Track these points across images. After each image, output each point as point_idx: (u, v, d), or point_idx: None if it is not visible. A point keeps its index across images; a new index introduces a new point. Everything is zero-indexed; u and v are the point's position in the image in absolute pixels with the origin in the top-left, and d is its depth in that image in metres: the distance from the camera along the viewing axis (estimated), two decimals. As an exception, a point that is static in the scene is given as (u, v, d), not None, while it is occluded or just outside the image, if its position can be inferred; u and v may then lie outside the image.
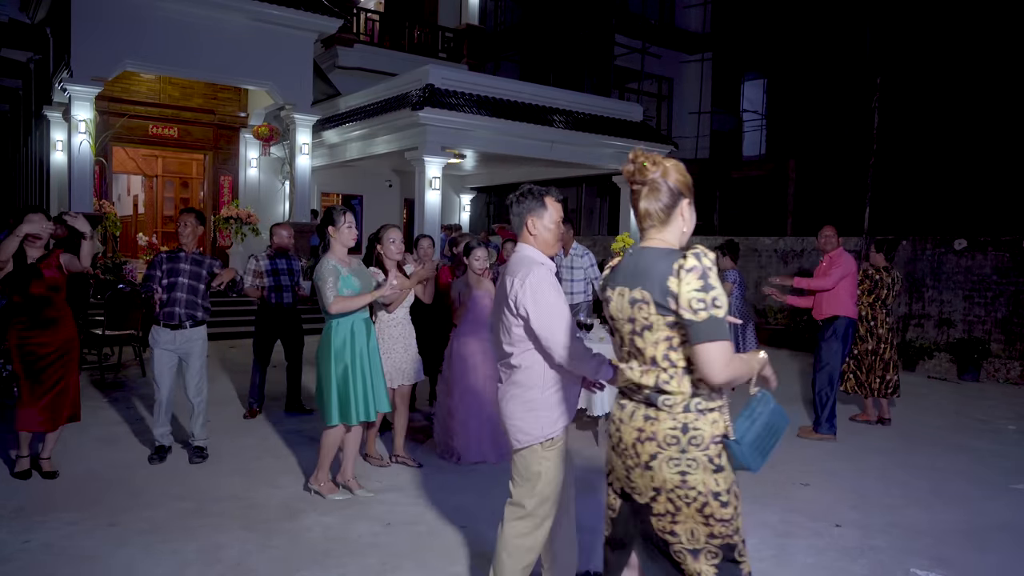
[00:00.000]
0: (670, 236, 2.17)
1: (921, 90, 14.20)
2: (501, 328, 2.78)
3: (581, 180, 17.74)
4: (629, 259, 2.21)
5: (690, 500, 2.08)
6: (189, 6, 11.77)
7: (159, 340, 4.83)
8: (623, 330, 2.20)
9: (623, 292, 2.17)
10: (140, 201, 18.41)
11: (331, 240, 4.17)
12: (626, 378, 2.22)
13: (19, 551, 3.51)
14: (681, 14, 20.82)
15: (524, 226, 2.79)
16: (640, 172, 2.15)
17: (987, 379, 9.31)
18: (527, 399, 2.73)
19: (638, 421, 2.16)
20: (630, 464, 2.18)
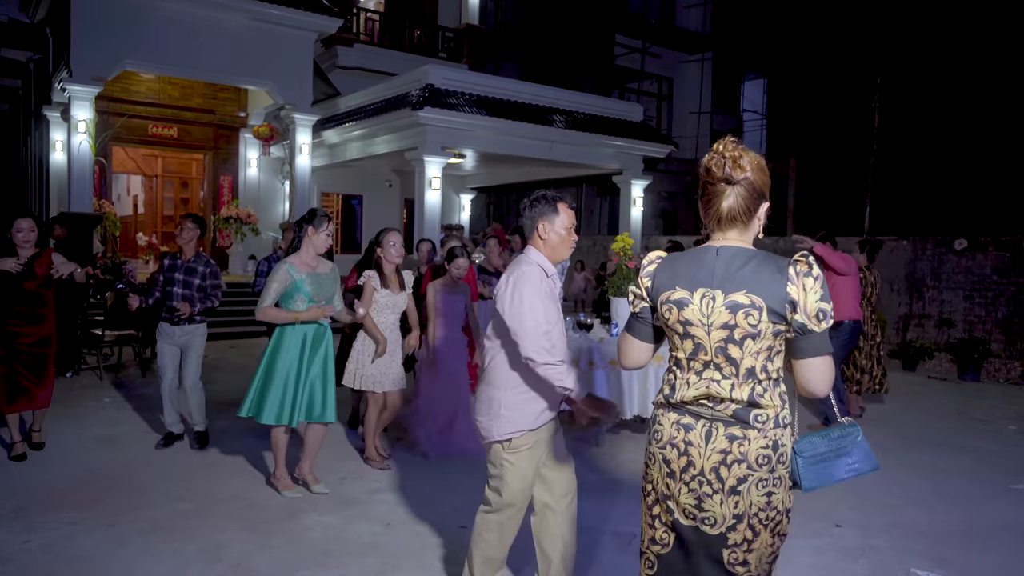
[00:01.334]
0: (749, 239, 2.01)
1: (921, 90, 14.20)
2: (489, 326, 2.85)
3: (581, 180, 17.73)
4: (705, 258, 1.98)
5: (769, 521, 1.94)
6: (189, 6, 11.76)
7: (163, 333, 5.15)
8: (708, 338, 1.94)
9: (711, 295, 1.93)
10: (140, 201, 18.41)
11: (304, 239, 4.19)
12: (702, 392, 1.96)
13: (19, 551, 3.51)
14: (681, 14, 20.83)
15: (535, 230, 2.78)
16: (734, 169, 1.92)
17: (987, 379, 9.31)
18: (488, 396, 2.78)
19: (720, 442, 1.92)
20: (705, 492, 1.94)
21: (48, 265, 4.82)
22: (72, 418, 5.98)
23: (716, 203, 1.96)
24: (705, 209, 2.00)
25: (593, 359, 5.37)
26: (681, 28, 20.54)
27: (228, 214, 14.55)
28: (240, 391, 7.12)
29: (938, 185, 13.60)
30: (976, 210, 12.87)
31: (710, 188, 1.97)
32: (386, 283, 4.77)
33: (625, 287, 5.78)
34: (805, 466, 1.96)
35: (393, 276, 4.83)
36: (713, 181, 1.96)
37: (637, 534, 3.83)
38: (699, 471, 1.94)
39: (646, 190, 15.72)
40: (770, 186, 1.99)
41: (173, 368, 5.18)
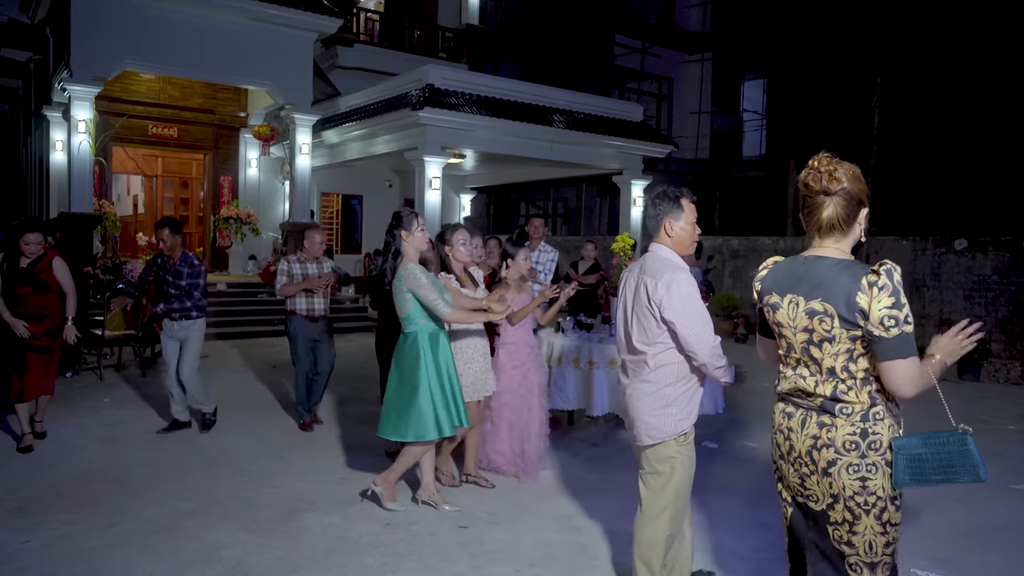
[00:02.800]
0: (846, 245, 2.15)
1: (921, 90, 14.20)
2: (634, 326, 2.86)
3: (581, 180, 17.74)
4: (796, 265, 2.18)
5: (869, 507, 2.07)
6: (189, 6, 11.76)
7: (166, 328, 5.61)
8: (795, 339, 2.15)
9: (796, 301, 2.13)
10: (140, 201, 18.41)
11: (403, 245, 3.97)
12: (795, 386, 2.18)
13: (19, 551, 3.51)
14: (681, 14, 20.83)
15: (662, 228, 2.87)
16: (830, 182, 2.09)
17: (987, 379, 9.31)
18: (661, 396, 2.81)
19: (812, 428, 2.13)
20: (805, 472, 2.16)
21: (48, 272, 5.10)
22: (72, 418, 5.98)
23: (816, 214, 2.13)
24: (806, 220, 2.18)
25: (593, 359, 5.38)
26: (681, 28, 20.54)
27: (228, 214, 14.55)
28: (240, 392, 7.14)
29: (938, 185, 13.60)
30: (976, 210, 12.87)
31: (809, 201, 2.15)
32: (461, 284, 4.43)
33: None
34: (899, 462, 2.06)
35: (464, 276, 4.51)
36: (812, 194, 2.13)
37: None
38: (798, 454, 2.17)
39: (646, 190, 15.72)
40: (867, 192, 2.15)
41: (174, 360, 5.61)
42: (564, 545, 3.75)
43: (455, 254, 4.42)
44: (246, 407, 6.57)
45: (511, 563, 3.53)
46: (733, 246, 13.53)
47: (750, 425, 6.23)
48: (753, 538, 3.88)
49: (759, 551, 3.73)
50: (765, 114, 19.41)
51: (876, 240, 11.35)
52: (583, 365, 5.43)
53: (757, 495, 4.45)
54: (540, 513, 4.17)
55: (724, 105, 20.19)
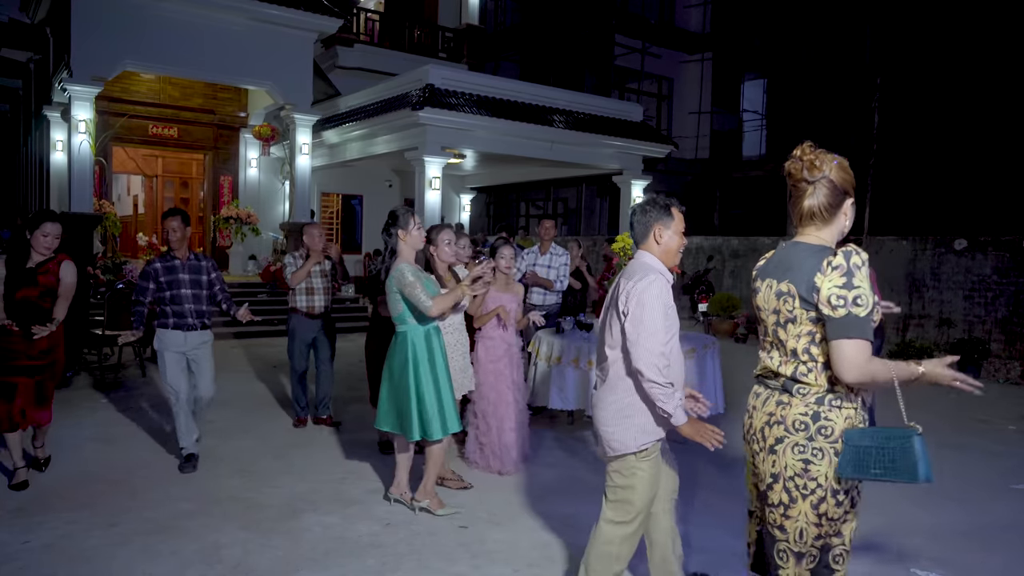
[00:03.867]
0: (828, 234, 2.19)
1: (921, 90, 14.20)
2: (606, 330, 2.79)
3: (581, 180, 17.74)
4: (781, 252, 2.26)
5: (808, 492, 2.09)
6: (189, 6, 11.76)
7: (168, 343, 4.65)
8: (767, 321, 2.24)
9: (771, 284, 2.21)
10: (140, 201, 18.42)
11: (399, 243, 3.97)
12: (765, 366, 2.26)
13: (19, 551, 3.51)
14: (681, 14, 20.83)
15: (651, 235, 2.80)
16: (810, 170, 2.14)
17: (987, 379, 9.31)
18: (622, 405, 2.70)
19: (770, 406, 2.19)
20: (755, 449, 2.21)
21: (54, 274, 4.36)
22: (71, 418, 5.98)
23: (799, 202, 2.19)
24: (791, 209, 2.24)
25: (593, 359, 5.37)
26: (681, 28, 20.54)
27: (228, 214, 14.56)
28: (240, 391, 7.14)
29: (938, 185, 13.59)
30: (976, 210, 12.87)
31: (794, 190, 2.21)
32: (443, 283, 4.45)
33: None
34: (845, 453, 2.07)
35: (448, 275, 4.55)
36: (795, 183, 2.19)
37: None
38: (754, 431, 2.23)
39: (646, 190, 15.72)
40: (854, 184, 2.19)
41: (186, 381, 4.72)
42: (564, 545, 3.75)
43: (440, 254, 4.50)
44: (246, 407, 6.57)
45: (511, 563, 3.53)
46: (733, 246, 13.53)
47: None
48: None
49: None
50: (765, 114, 19.41)
51: (876, 240, 11.35)
52: (583, 365, 5.43)
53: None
54: (540, 513, 4.17)
55: (724, 105, 20.19)
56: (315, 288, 5.89)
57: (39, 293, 4.32)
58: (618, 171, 15.16)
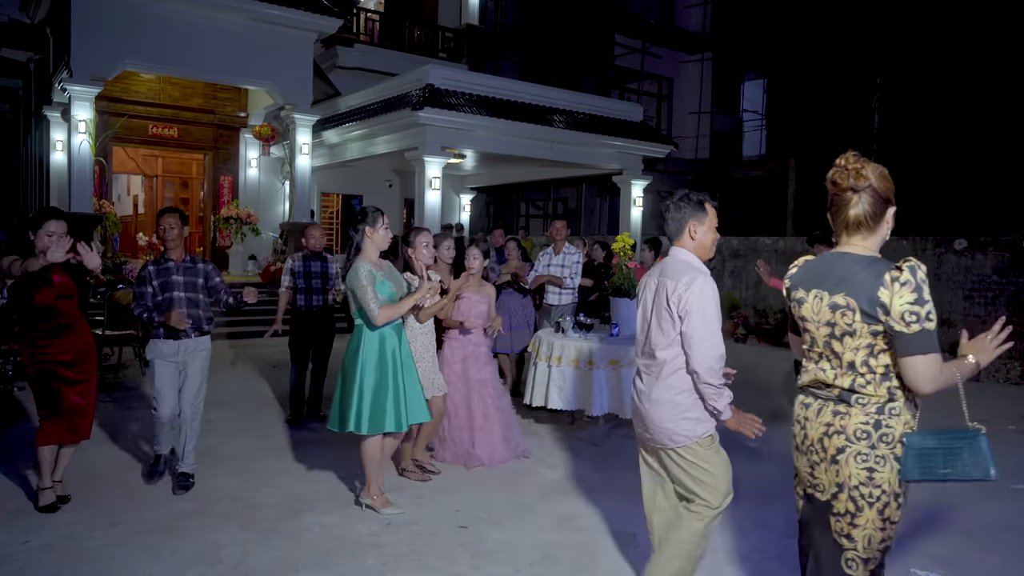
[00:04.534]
0: (873, 243, 2.19)
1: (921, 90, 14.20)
2: (654, 329, 2.82)
3: (581, 180, 17.74)
4: (824, 262, 2.23)
5: (873, 500, 2.10)
6: (189, 6, 11.77)
7: (161, 352, 4.33)
8: (817, 332, 2.20)
9: (820, 295, 2.18)
10: (140, 201, 18.41)
11: (365, 240, 3.98)
12: (815, 378, 2.23)
13: (19, 551, 3.51)
14: (681, 14, 20.83)
15: (685, 231, 2.84)
16: (856, 179, 2.13)
17: (987, 379, 9.31)
18: (677, 403, 2.77)
19: (826, 416, 2.18)
20: (815, 460, 2.20)
21: (69, 274, 4.07)
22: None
23: (844, 211, 2.17)
24: (833, 218, 2.22)
25: (593, 359, 5.37)
26: (681, 28, 20.54)
27: (228, 214, 14.55)
28: (240, 391, 7.14)
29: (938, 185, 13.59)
30: (976, 210, 12.87)
31: (837, 199, 2.19)
32: None
33: (625, 287, 5.78)
34: (908, 456, 2.09)
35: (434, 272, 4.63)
36: (839, 191, 2.17)
37: (637, 533, 3.85)
38: (811, 442, 2.21)
39: (646, 190, 15.72)
40: (894, 191, 2.20)
41: (173, 392, 4.36)
42: (564, 545, 3.75)
43: (417, 256, 4.58)
44: (246, 407, 6.57)
45: (511, 563, 3.53)
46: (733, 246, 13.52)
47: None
48: (754, 538, 3.88)
49: (759, 550, 3.73)
50: (765, 114, 19.41)
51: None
52: (583, 365, 5.43)
53: (758, 495, 4.45)
54: (540, 513, 4.17)
55: (724, 105, 20.19)
56: (313, 288, 6.01)
57: (56, 295, 4.01)
58: (618, 171, 15.16)
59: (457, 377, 4.92)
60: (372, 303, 3.82)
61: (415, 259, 4.60)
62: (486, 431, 4.94)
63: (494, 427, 4.97)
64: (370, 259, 3.98)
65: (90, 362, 4.15)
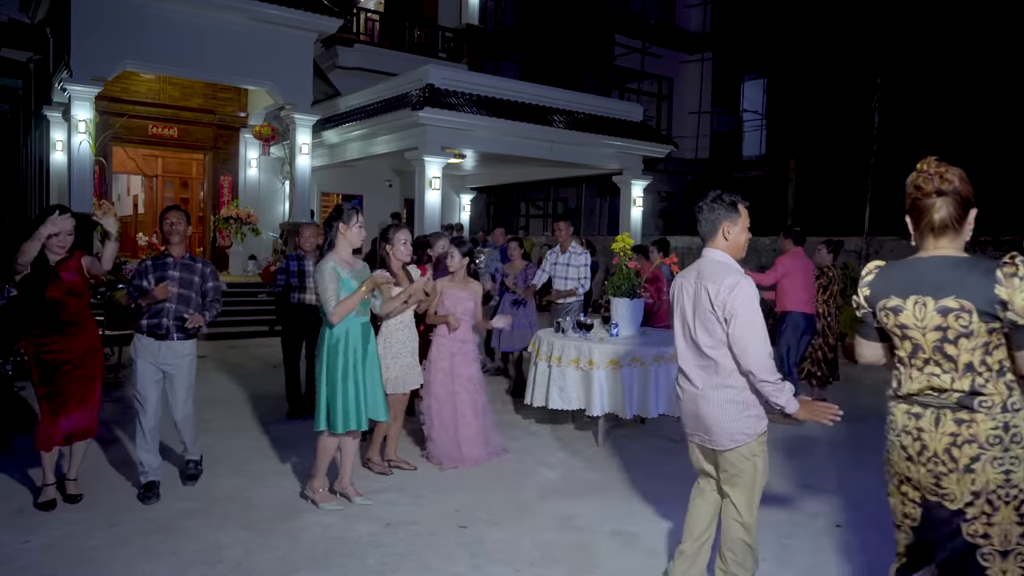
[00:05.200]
0: (959, 245, 2.21)
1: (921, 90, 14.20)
2: (699, 332, 2.86)
3: (581, 180, 17.74)
4: (912, 268, 2.23)
5: (1010, 499, 2.11)
6: (189, 6, 11.77)
7: (140, 351, 4.20)
8: (924, 338, 2.18)
9: (923, 301, 2.16)
10: (140, 201, 18.41)
11: (338, 237, 4.02)
12: (927, 385, 2.19)
13: (19, 551, 3.51)
14: (681, 14, 20.83)
15: (719, 232, 2.89)
16: (942, 183, 2.16)
17: None
18: (742, 399, 2.81)
19: (948, 426, 2.16)
20: (941, 471, 2.17)
21: (76, 270, 4.06)
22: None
23: (928, 215, 2.20)
24: (916, 222, 2.24)
25: (593, 359, 5.37)
26: (681, 28, 20.55)
27: (228, 214, 14.55)
28: (240, 391, 7.14)
29: (938, 185, 13.56)
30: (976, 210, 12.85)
31: (920, 203, 2.21)
32: (398, 281, 4.65)
33: (625, 287, 5.77)
34: None
35: (401, 273, 4.73)
36: (923, 196, 2.20)
37: (638, 533, 3.85)
38: (933, 453, 2.17)
39: (646, 190, 15.72)
40: (974, 193, 2.20)
41: (157, 395, 4.22)
42: (564, 545, 3.75)
43: (395, 253, 4.67)
44: (245, 407, 6.58)
45: (511, 563, 3.53)
46: (733, 246, 13.51)
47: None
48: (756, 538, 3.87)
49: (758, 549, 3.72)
50: (765, 114, 19.41)
51: (876, 240, 11.36)
52: (583, 365, 5.43)
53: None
54: (540, 513, 4.17)
55: (724, 105, 20.20)
56: (307, 287, 6.14)
57: (64, 292, 4.00)
58: (618, 171, 15.16)
59: (445, 374, 4.93)
60: (331, 299, 3.89)
61: (392, 256, 4.66)
62: (471, 428, 4.97)
63: (478, 425, 5.01)
64: (341, 257, 4.02)
65: (95, 360, 4.15)
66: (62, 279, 3.99)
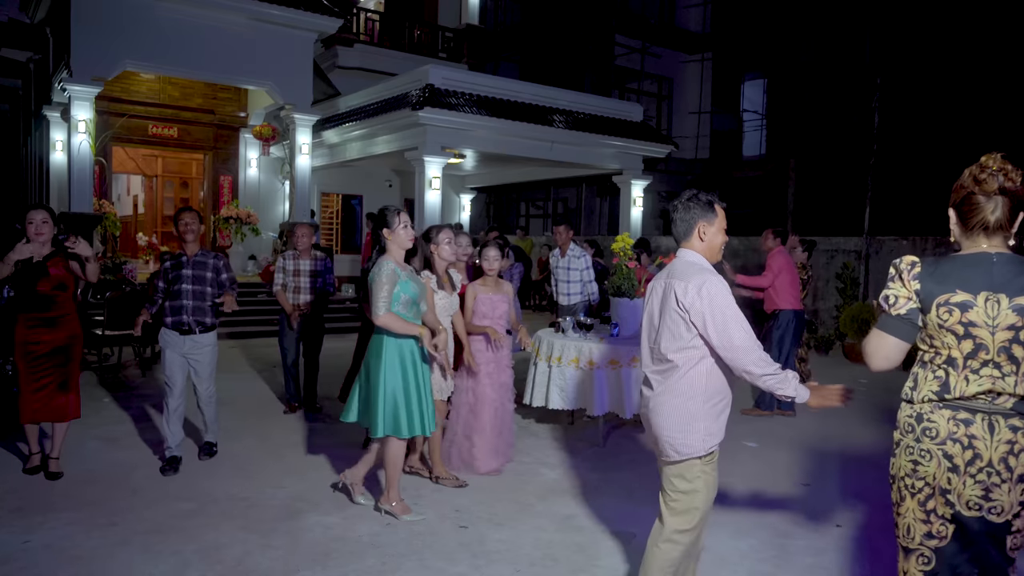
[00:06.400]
0: (1006, 246, 2.14)
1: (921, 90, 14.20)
2: (663, 334, 2.71)
3: (581, 180, 17.74)
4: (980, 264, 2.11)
5: None
6: (189, 6, 11.77)
7: (168, 343, 4.78)
8: (992, 338, 2.05)
9: (996, 298, 2.05)
10: (140, 201, 18.40)
11: (387, 242, 3.91)
12: (988, 388, 2.05)
13: (19, 551, 3.51)
14: (681, 14, 20.83)
15: (694, 232, 2.76)
16: (1007, 180, 2.07)
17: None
18: (688, 410, 2.66)
19: (1005, 434, 2.04)
20: (993, 482, 2.04)
21: (63, 266, 4.47)
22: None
23: (982, 213, 2.11)
24: (966, 218, 2.14)
25: (593, 359, 5.37)
26: (681, 28, 20.54)
27: (228, 214, 14.56)
28: (238, 392, 7.14)
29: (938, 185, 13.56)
30: (976, 210, 12.84)
31: (974, 198, 2.11)
32: (442, 282, 4.49)
33: (625, 287, 5.77)
34: None
35: (444, 276, 4.55)
36: (981, 192, 2.10)
37: (637, 534, 3.85)
38: (987, 463, 2.04)
39: (646, 190, 15.72)
40: None
41: (183, 379, 4.80)
42: (564, 545, 3.75)
43: (440, 252, 4.53)
44: (246, 407, 6.58)
45: (511, 563, 3.53)
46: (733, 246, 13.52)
47: (750, 425, 6.23)
48: (752, 538, 3.88)
49: (757, 551, 3.73)
50: (765, 114, 19.41)
51: (876, 240, 11.35)
52: (583, 365, 5.43)
53: (756, 496, 4.45)
54: (540, 513, 4.17)
55: (724, 105, 20.19)
56: (301, 287, 6.19)
57: (51, 287, 4.44)
58: (618, 171, 15.16)
59: (478, 381, 4.79)
60: (383, 302, 3.75)
61: (437, 256, 4.52)
62: (499, 435, 4.82)
63: (502, 433, 4.87)
64: (395, 259, 3.90)
65: (75, 348, 4.59)
66: (50, 275, 4.43)
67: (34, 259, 4.39)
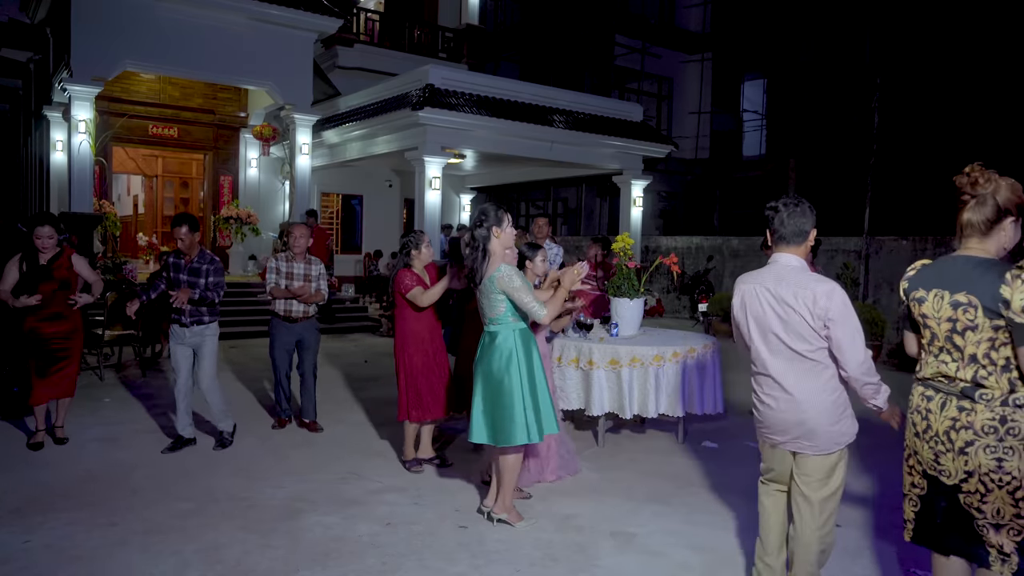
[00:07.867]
0: (990, 247, 2.41)
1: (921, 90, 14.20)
2: (792, 338, 2.77)
3: (581, 180, 17.74)
4: (942, 264, 2.48)
5: (1003, 484, 2.31)
6: (189, 6, 11.77)
7: (174, 335, 5.21)
8: (939, 328, 2.43)
9: (941, 294, 2.42)
10: (140, 201, 18.42)
11: (493, 242, 3.79)
12: (937, 371, 2.45)
13: (19, 551, 3.51)
14: (681, 14, 20.84)
15: (809, 236, 2.87)
16: (971, 186, 2.40)
17: None
18: (839, 402, 2.82)
19: (951, 411, 2.40)
20: (940, 450, 2.43)
21: (67, 268, 5.10)
22: (72, 418, 5.95)
23: (960, 215, 2.45)
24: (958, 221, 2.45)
25: (593, 359, 5.37)
26: (681, 28, 20.55)
27: (228, 214, 14.56)
28: (240, 391, 7.14)
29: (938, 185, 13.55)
30: (976, 210, 12.84)
31: (960, 201, 2.45)
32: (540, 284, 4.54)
33: (625, 287, 5.78)
34: None
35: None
36: (959, 196, 2.45)
37: (638, 533, 3.85)
38: (935, 433, 2.44)
39: (646, 190, 15.73)
40: (1021, 205, 2.40)
41: (187, 368, 5.20)
42: (564, 545, 3.75)
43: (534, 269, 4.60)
44: (246, 407, 6.58)
45: (511, 563, 3.53)
46: (733, 246, 13.54)
47: (750, 425, 6.22)
48: (754, 537, 3.87)
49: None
50: (765, 114, 19.41)
51: (876, 240, 11.36)
52: (583, 365, 5.43)
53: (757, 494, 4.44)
54: (540, 513, 4.17)
55: (724, 105, 20.20)
56: None
57: (54, 289, 5.03)
58: (618, 171, 15.16)
59: None
60: (535, 303, 3.67)
61: (531, 273, 4.52)
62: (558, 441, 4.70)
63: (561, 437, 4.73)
64: (504, 261, 3.79)
65: (76, 338, 5.27)
66: (54, 277, 5.06)
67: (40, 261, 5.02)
